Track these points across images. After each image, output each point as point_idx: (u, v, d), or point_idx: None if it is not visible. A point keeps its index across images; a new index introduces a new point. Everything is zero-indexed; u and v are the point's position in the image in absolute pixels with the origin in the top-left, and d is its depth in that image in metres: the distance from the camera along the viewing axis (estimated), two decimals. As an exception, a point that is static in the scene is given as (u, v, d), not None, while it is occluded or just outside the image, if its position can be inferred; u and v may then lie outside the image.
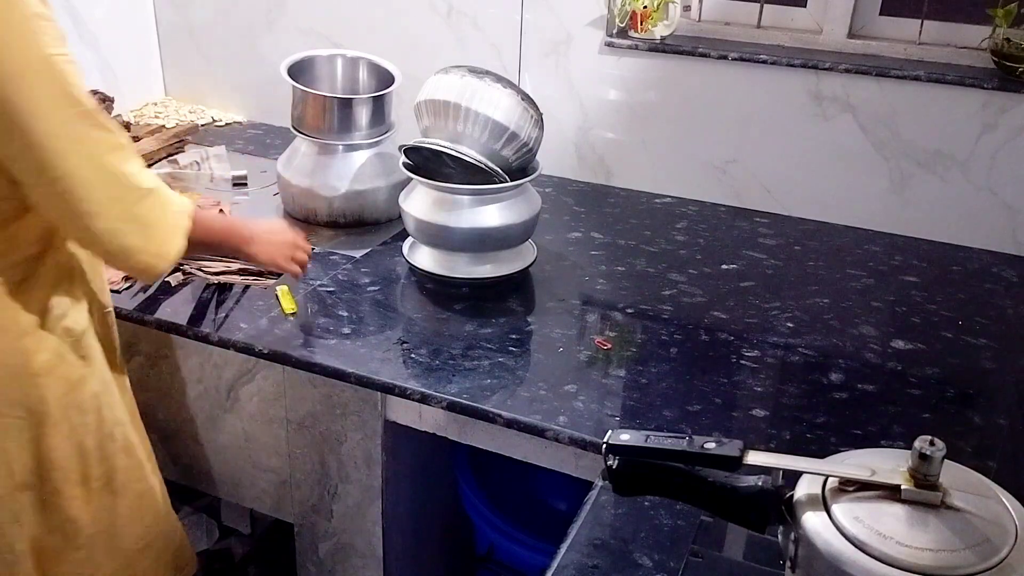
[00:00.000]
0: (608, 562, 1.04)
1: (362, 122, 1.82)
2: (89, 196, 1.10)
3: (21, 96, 1.03)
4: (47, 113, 1.05)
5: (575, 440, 1.25)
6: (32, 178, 1.08)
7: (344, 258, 1.74)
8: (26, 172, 1.08)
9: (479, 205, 1.59)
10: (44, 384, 1.20)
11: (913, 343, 1.52)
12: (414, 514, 1.66)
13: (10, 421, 1.19)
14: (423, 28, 2.16)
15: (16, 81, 1.03)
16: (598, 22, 2.00)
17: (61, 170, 1.07)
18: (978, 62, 1.84)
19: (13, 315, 1.17)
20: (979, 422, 1.33)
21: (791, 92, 1.90)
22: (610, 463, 0.84)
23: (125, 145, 1.15)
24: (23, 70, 1.03)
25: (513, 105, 1.57)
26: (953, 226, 1.88)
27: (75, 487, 1.27)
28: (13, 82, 1.02)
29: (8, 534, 1.24)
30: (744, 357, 1.45)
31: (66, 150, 1.07)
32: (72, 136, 1.08)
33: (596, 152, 2.13)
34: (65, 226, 1.15)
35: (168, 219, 1.20)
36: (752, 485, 0.80)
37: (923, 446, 0.71)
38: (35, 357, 1.19)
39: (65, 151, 1.07)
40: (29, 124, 1.04)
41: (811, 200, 1.98)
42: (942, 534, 0.69)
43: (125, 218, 1.14)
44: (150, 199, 1.17)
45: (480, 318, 1.54)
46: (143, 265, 1.19)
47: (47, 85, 1.05)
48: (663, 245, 1.84)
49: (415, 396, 1.35)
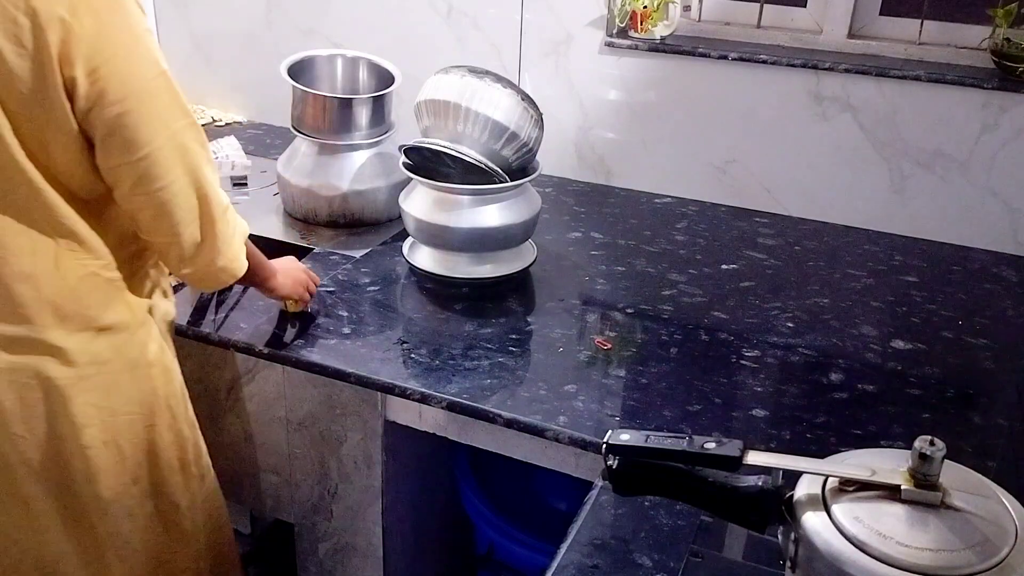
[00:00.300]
0: (608, 562, 1.04)
1: (362, 122, 1.82)
2: (184, 205, 1.16)
3: (143, 110, 1.09)
4: (163, 126, 1.11)
5: (575, 440, 1.25)
6: (135, 186, 1.12)
7: (344, 258, 1.74)
8: (130, 180, 1.12)
9: (479, 205, 1.59)
10: (154, 375, 1.27)
11: (913, 343, 1.52)
12: (414, 514, 1.66)
13: (124, 419, 1.25)
14: (423, 28, 2.16)
15: (139, 96, 1.08)
16: (598, 22, 2.00)
17: (166, 180, 1.13)
18: (978, 62, 1.84)
19: (129, 308, 1.23)
20: (979, 422, 1.33)
21: (791, 92, 1.90)
22: (610, 463, 0.84)
23: (212, 160, 1.21)
24: (145, 85, 1.09)
25: (513, 105, 1.57)
26: (953, 226, 1.88)
27: (176, 474, 1.33)
28: (136, 97, 1.08)
29: (124, 530, 1.29)
30: (744, 357, 1.45)
31: (173, 162, 1.13)
32: (180, 148, 1.14)
33: (596, 152, 2.13)
34: (152, 231, 1.18)
35: (236, 238, 1.27)
36: (752, 485, 0.80)
37: (923, 446, 0.71)
38: (147, 348, 1.26)
39: (172, 163, 1.13)
40: (147, 137, 1.10)
41: (811, 200, 1.98)
42: (942, 534, 0.69)
43: (208, 231, 1.20)
44: (227, 215, 1.23)
45: (480, 318, 1.54)
46: (213, 276, 1.26)
47: (164, 99, 1.11)
48: (663, 245, 1.84)
49: (415, 396, 1.35)
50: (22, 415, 1.18)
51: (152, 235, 1.19)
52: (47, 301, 1.15)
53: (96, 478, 1.24)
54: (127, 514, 1.29)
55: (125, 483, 1.27)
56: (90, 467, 1.23)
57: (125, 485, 1.27)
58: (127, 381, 1.24)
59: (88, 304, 1.18)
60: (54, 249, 1.14)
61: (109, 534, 1.28)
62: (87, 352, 1.19)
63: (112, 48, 1.06)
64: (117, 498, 1.27)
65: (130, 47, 1.08)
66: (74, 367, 1.18)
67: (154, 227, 1.17)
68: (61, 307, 1.16)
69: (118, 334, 1.22)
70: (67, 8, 1.02)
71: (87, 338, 1.19)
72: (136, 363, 1.25)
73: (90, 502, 1.25)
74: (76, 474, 1.23)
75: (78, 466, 1.22)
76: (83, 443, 1.22)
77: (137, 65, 1.08)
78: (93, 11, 1.04)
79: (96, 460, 1.23)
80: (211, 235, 1.21)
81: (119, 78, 1.06)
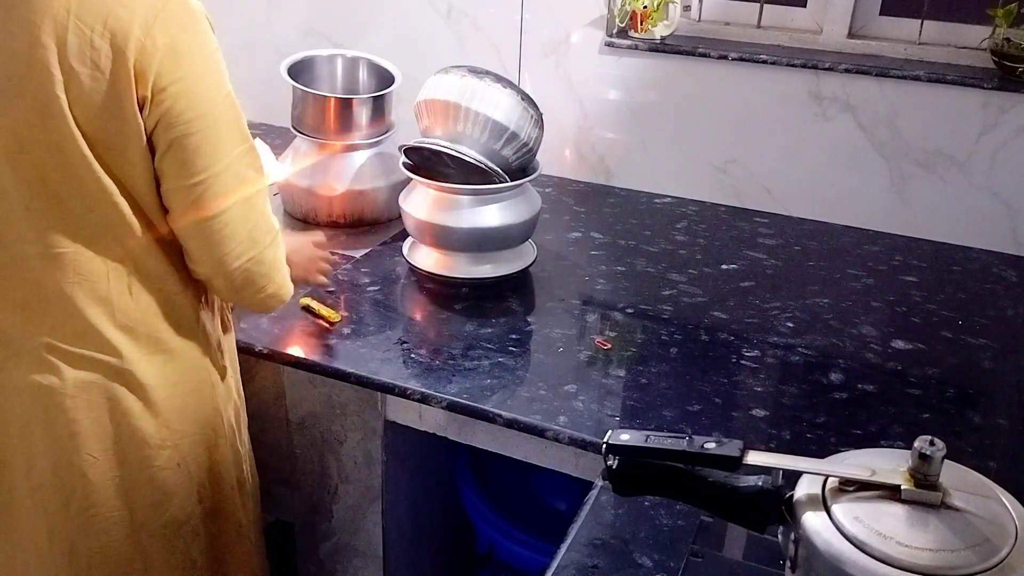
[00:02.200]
0: (608, 562, 1.04)
1: (362, 122, 1.82)
2: (234, 235, 1.12)
3: (206, 135, 1.06)
4: (224, 153, 1.08)
5: (575, 440, 1.25)
6: (186, 211, 1.09)
7: (344, 258, 1.74)
8: (183, 204, 1.09)
9: (479, 205, 1.59)
10: (219, 395, 1.27)
11: (913, 343, 1.52)
12: (414, 514, 1.66)
13: (190, 439, 1.24)
14: (423, 28, 2.16)
15: (204, 119, 1.05)
16: (598, 22, 2.00)
17: (221, 207, 1.09)
18: (978, 62, 1.84)
19: (197, 331, 1.22)
20: (979, 422, 1.33)
21: (791, 92, 1.90)
22: (610, 463, 0.84)
23: (266, 187, 1.17)
24: (211, 109, 1.06)
25: (513, 105, 1.57)
26: (953, 226, 1.88)
27: (235, 493, 1.34)
28: (201, 120, 1.05)
29: (192, 548, 1.29)
30: (744, 357, 1.45)
31: (231, 189, 1.10)
32: (237, 175, 1.10)
33: (596, 152, 2.13)
34: (198, 259, 1.14)
35: (283, 262, 1.22)
36: (752, 485, 0.80)
37: (923, 446, 0.71)
38: (214, 370, 1.26)
39: (230, 189, 1.09)
40: (206, 162, 1.07)
41: (811, 200, 1.98)
42: (942, 534, 0.69)
43: (256, 260, 1.16)
44: (276, 242, 1.19)
45: (480, 318, 1.54)
46: (261, 304, 1.22)
47: (228, 123, 1.08)
48: (663, 245, 1.84)
49: (415, 396, 1.35)
50: (97, 435, 1.18)
51: (198, 265, 1.15)
52: (120, 325, 1.14)
53: (169, 501, 1.24)
54: (194, 534, 1.29)
55: (192, 503, 1.28)
56: (164, 489, 1.23)
57: (192, 506, 1.28)
58: (194, 404, 1.24)
59: (159, 328, 1.17)
60: (127, 273, 1.13)
61: (180, 553, 1.29)
62: (160, 375, 1.19)
63: (183, 68, 1.03)
64: (188, 519, 1.27)
65: (201, 68, 1.06)
66: (147, 391, 1.18)
67: (201, 254, 1.13)
68: (134, 331, 1.15)
69: (187, 357, 1.22)
70: (142, 27, 1.00)
71: (160, 361, 1.18)
72: (203, 384, 1.24)
73: (168, 522, 1.25)
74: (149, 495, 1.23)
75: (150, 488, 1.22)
76: (160, 464, 1.22)
77: (205, 87, 1.06)
78: (167, 31, 1.02)
79: (168, 481, 1.23)
80: (260, 265, 1.17)
81: (187, 99, 1.04)
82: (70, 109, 1.01)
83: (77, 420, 1.16)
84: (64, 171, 1.04)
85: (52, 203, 1.06)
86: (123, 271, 1.13)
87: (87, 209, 1.08)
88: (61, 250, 1.09)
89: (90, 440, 1.17)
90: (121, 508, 1.22)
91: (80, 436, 1.17)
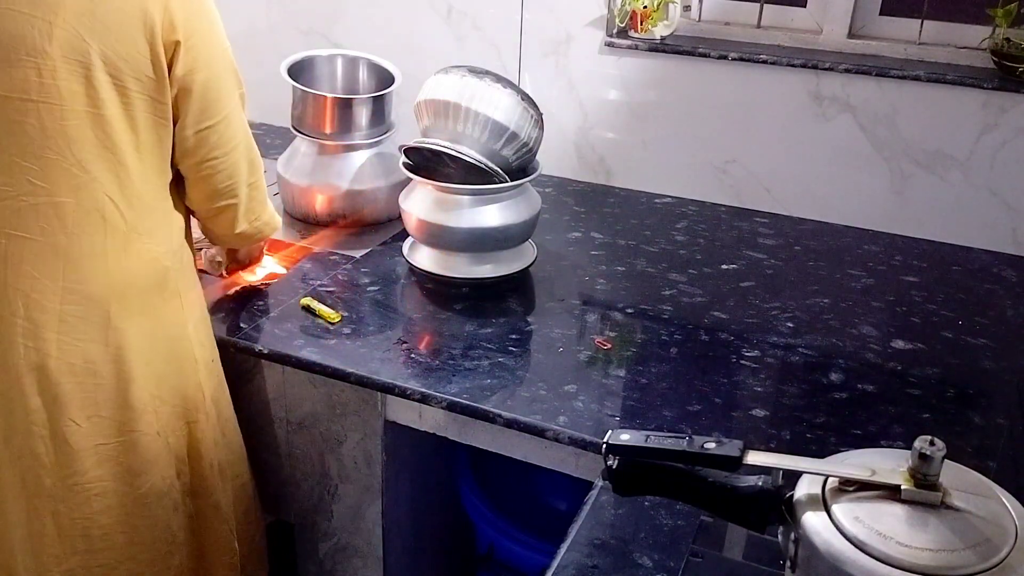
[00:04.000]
0: (608, 562, 1.04)
1: (362, 122, 1.82)
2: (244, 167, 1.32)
3: (222, 78, 1.25)
4: (231, 93, 1.27)
5: (575, 440, 1.25)
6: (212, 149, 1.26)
7: (344, 258, 1.74)
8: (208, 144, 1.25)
9: (479, 205, 1.59)
10: (200, 371, 1.32)
11: (913, 343, 1.52)
12: (414, 514, 1.66)
13: (169, 410, 1.29)
14: (423, 28, 2.16)
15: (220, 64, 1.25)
16: (598, 22, 2.00)
17: (235, 142, 1.28)
18: (978, 62, 1.84)
19: (181, 298, 1.30)
20: (979, 422, 1.33)
21: (791, 92, 1.90)
22: (610, 463, 0.84)
23: None
24: (222, 55, 1.25)
25: (513, 105, 1.57)
26: (953, 226, 1.88)
27: (216, 476, 1.37)
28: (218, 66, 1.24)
29: (173, 524, 1.33)
30: (744, 357, 1.45)
31: (238, 126, 1.29)
32: (238, 114, 1.30)
33: (596, 152, 2.13)
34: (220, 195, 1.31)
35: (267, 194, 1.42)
36: (752, 485, 0.80)
37: (923, 446, 0.71)
38: (194, 343, 1.32)
39: (238, 126, 1.29)
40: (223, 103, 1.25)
41: (811, 200, 1.98)
42: (942, 534, 0.69)
43: (256, 186, 1.36)
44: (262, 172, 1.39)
45: (480, 318, 1.54)
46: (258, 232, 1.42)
47: (232, 68, 1.28)
48: (663, 245, 1.84)
49: (415, 396, 1.35)
50: (81, 401, 1.21)
51: (219, 199, 1.31)
52: (114, 282, 1.19)
53: (150, 469, 1.28)
54: (174, 507, 1.33)
55: (171, 476, 1.31)
56: (145, 456, 1.27)
57: (171, 479, 1.31)
58: (174, 373, 1.29)
59: (147, 289, 1.24)
60: (125, 231, 1.20)
61: (162, 525, 1.32)
62: (145, 338, 1.24)
63: (199, 22, 1.21)
64: (168, 490, 1.31)
65: (211, 21, 1.24)
66: (131, 351, 1.22)
67: (223, 190, 1.30)
68: (124, 291, 1.21)
69: (171, 323, 1.28)
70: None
71: (145, 325, 1.24)
72: (184, 357, 1.30)
73: (148, 491, 1.29)
74: (130, 462, 1.26)
75: (132, 454, 1.26)
76: (141, 429, 1.26)
77: (218, 36, 1.24)
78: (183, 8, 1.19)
79: (149, 448, 1.27)
80: (258, 189, 1.37)
81: (207, 48, 1.21)
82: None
83: (60, 383, 1.18)
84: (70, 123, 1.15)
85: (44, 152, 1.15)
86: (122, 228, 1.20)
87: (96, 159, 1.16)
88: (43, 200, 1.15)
89: (72, 406, 1.19)
90: (103, 478, 1.25)
91: (63, 399, 1.19)
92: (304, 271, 1.69)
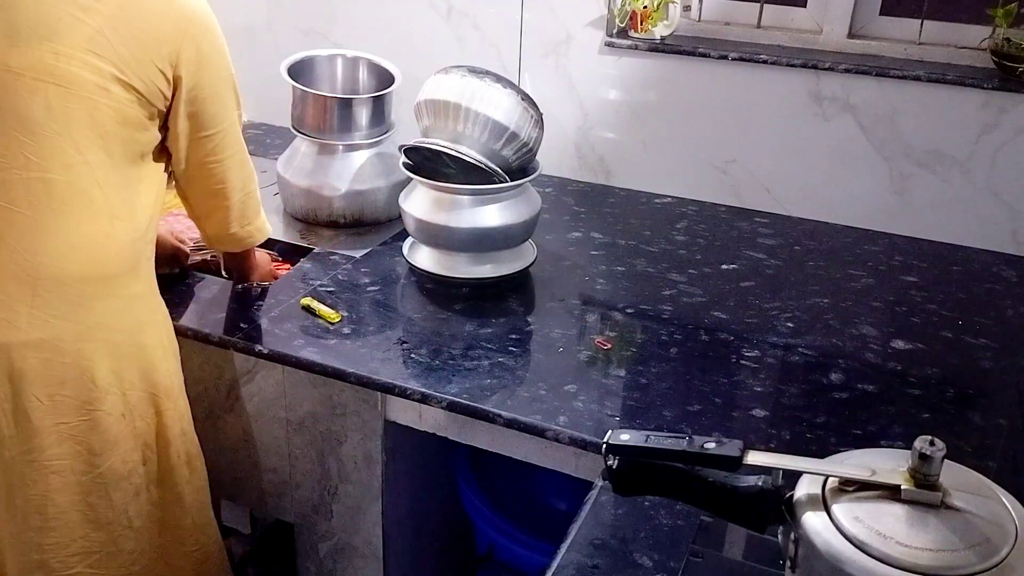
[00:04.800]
0: (608, 562, 1.04)
1: (362, 122, 1.82)
2: (239, 174, 1.42)
3: (224, 96, 1.36)
4: (231, 110, 1.39)
5: (575, 440, 1.25)
6: (209, 154, 1.36)
7: (344, 258, 1.74)
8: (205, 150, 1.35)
9: (479, 205, 1.59)
10: (162, 360, 1.35)
11: (913, 343, 1.52)
12: (414, 514, 1.66)
13: (137, 395, 1.31)
14: (423, 28, 2.16)
15: (223, 85, 1.36)
16: (598, 22, 2.00)
17: (232, 150, 1.39)
18: (978, 62, 1.84)
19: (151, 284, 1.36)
20: (979, 422, 1.33)
21: (791, 92, 1.90)
22: (610, 463, 0.84)
23: None
24: (225, 82, 1.36)
25: (513, 105, 1.57)
26: (953, 226, 1.88)
27: (183, 467, 1.40)
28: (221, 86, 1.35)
29: (131, 510, 1.34)
30: (744, 357, 1.45)
31: (234, 137, 1.40)
32: (236, 129, 1.41)
33: (596, 152, 2.13)
34: (216, 195, 1.41)
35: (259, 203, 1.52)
36: (752, 485, 0.80)
37: (923, 446, 0.71)
38: (165, 332, 1.37)
39: (234, 138, 1.40)
40: (222, 116, 1.36)
41: (811, 200, 1.98)
42: (942, 534, 0.69)
43: (251, 196, 1.47)
44: (256, 182, 1.49)
45: (480, 318, 1.54)
46: (248, 236, 1.50)
47: (233, 93, 1.39)
48: (663, 245, 1.84)
49: (415, 396, 1.35)
50: (45, 378, 1.22)
51: (215, 199, 1.41)
52: (93, 261, 1.23)
53: (111, 450, 1.29)
54: (135, 492, 1.34)
55: (136, 461, 1.32)
56: (107, 436, 1.28)
57: (135, 464, 1.32)
58: (141, 359, 1.31)
59: (122, 272, 1.27)
60: (108, 215, 1.25)
61: (119, 509, 1.32)
62: (114, 318, 1.26)
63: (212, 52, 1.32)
64: (129, 475, 1.32)
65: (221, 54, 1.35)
66: (100, 330, 1.25)
67: (219, 190, 1.40)
68: (101, 271, 1.24)
69: (142, 308, 1.31)
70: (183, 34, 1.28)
71: (116, 305, 1.27)
72: (153, 344, 1.33)
73: (107, 472, 1.30)
74: (91, 440, 1.27)
75: (94, 433, 1.27)
76: (105, 409, 1.27)
77: (224, 60, 1.35)
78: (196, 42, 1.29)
79: (112, 429, 1.28)
80: (252, 199, 1.47)
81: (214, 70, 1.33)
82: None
83: (26, 358, 1.19)
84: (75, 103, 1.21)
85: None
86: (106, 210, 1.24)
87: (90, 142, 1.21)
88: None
89: (37, 382, 1.20)
90: (62, 456, 1.26)
91: (28, 377, 1.20)
92: (304, 271, 1.69)
